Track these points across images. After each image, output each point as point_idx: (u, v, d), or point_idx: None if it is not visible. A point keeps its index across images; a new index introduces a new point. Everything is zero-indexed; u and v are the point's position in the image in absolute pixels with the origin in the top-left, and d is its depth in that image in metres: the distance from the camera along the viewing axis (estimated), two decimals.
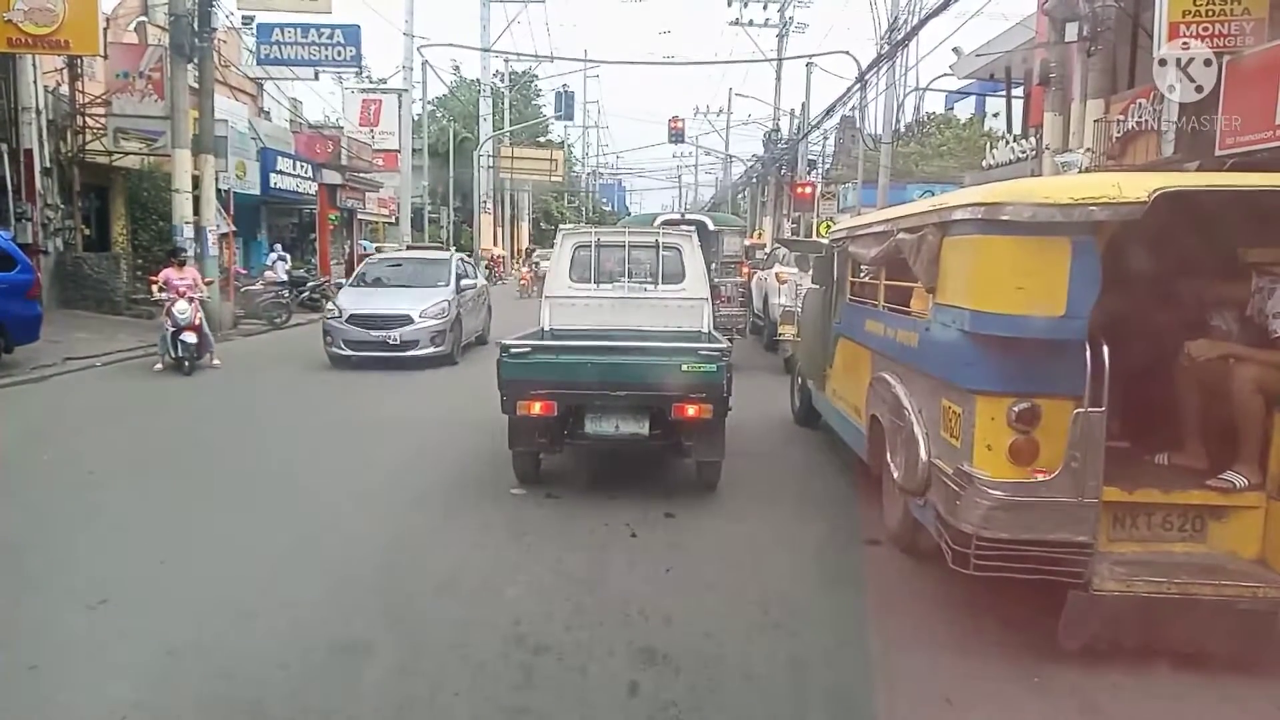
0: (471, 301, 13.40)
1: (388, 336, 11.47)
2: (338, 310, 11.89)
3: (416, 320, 11.64)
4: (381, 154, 30.92)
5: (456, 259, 13.75)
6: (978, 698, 3.39)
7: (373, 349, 11.47)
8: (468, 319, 13.02)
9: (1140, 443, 4.12)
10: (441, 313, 11.94)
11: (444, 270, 12.98)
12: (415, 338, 11.57)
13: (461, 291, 12.76)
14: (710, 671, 3.52)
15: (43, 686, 3.37)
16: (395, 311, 11.67)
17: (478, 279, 14.64)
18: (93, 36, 13.98)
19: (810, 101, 31.61)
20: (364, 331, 11.50)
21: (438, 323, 11.84)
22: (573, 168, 61.11)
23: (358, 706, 3.27)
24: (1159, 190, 3.26)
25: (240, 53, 23.46)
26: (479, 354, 13.25)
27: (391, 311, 11.68)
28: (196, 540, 5.03)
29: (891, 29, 18.84)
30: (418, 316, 11.66)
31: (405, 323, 11.59)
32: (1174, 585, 3.44)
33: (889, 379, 4.86)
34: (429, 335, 11.67)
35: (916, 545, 4.62)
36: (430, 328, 11.72)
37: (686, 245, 7.38)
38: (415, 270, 13.23)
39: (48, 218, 15.34)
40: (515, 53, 42.90)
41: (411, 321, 11.61)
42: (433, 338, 11.70)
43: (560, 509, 5.66)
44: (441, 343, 11.81)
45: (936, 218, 4.19)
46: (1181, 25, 9.48)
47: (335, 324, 11.67)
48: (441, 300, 12.11)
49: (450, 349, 12.01)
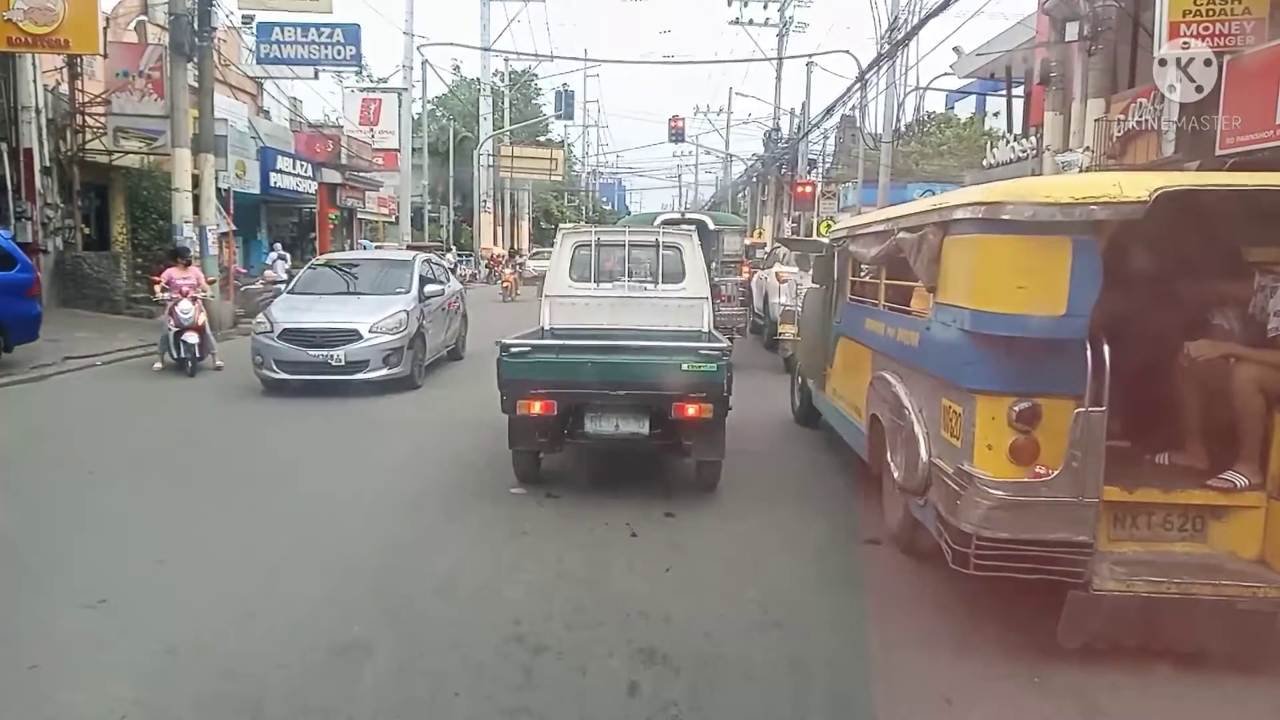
0: (440, 311, 11.36)
1: (330, 356, 9.41)
2: (269, 324, 9.67)
3: (366, 336, 9.57)
4: (381, 153, 30.97)
5: (421, 260, 11.64)
6: (978, 698, 3.39)
7: (311, 371, 9.46)
8: (434, 332, 10.97)
9: (1141, 442, 4.11)
10: (398, 326, 9.84)
11: (405, 274, 10.95)
12: (364, 357, 9.53)
13: (426, 299, 10.74)
14: (710, 671, 3.52)
15: (43, 686, 3.37)
16: (340, 325, 9.63)
17: (448, 282, 12.39)
18: (92, 36, 13.98)
19: (810, 101, 31.65)
20: (300, 350, 9.44)
21: (393, 338, 9.74)
22: (573, 167, 61.14)
23: (357, 706, 3.27)
24: (1160, 189, 3.26)
25: (240, 52, 23.48)
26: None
27: (335, 325, 9.64)
28: (196, 540, 5.03)
29: (892, 28, 18.84)
30: (367, 331, 9.58)
31: (352, 339, 9.54)
32: (1174, 585, 3.44)
33: (889, 378, 4.86)
34: (381, 354, 9.63)
35: (916, 545, 4.62)
36: (383, 345, 9.65)
37: (687, 244, 7.38)
38: (370, 275, 11.26)
39: (47, 217, 15.34)
40: (515, 52, 42.99)
41: (359, 337, 9.56)
42: (386, 357, 9.65)
43: (560, 508, 5.66)
44: (397, 362, 9.76)
45: (937, 217, 4.19)
46: (1182, 25, 9.48)
47: (266, 341, 9.56)
48: (398, 311, 10.00)
49: (409, 369, 10.00)
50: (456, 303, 12.47)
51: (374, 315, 9.82)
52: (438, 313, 11.23)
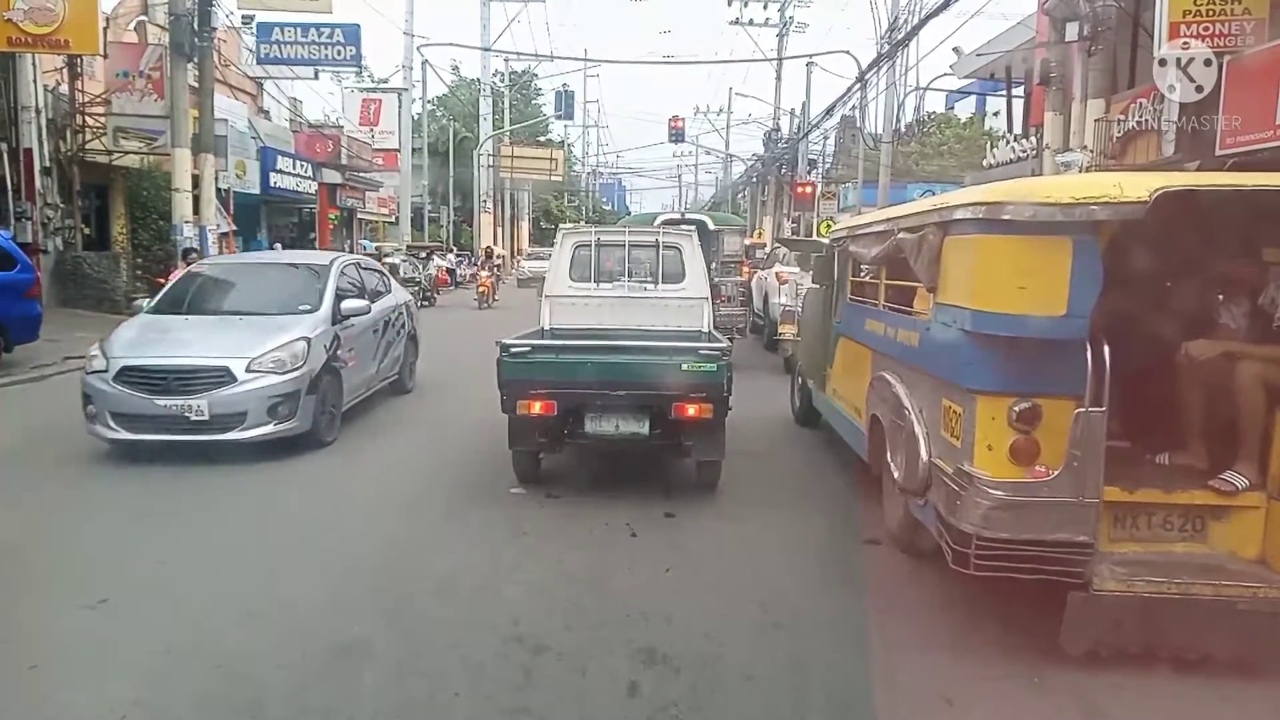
0: (369, 334, 8.38)
1: (186, 408, 6.50)
2: (104, 360, 6.81)
3: (242, 377, 6.60)
4: (381, 153, 31.00)
5: (343, 265, 8.52)
6: (978, 698, 3.38)
7: (160, 429, 6.56)
8: (359, 363, 8.03)
9: (1141, 442, 4.11)
10: (292, 361, 6.85)
11: (314, 286, 7.85)
12: (238, 408, 6.57)
13: (345, 320, 7.72)
14: (710, 671, 3.52)
15: (43, 686, 3.37)
16: (201, 362, 6.70)
17: (388, 292, 9.61)
18: (92, 36, 13.99)
19: (810, 101, 31.69)
20: (145, 399, 6.53)
21: (283, 379, 6.74)
22: (572, 167, 61.18)
23: (357, 707, 3.27)
24: (1160, 190, 3.26)
25: (240, 52, 23.50)
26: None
27: (194, 362, 6.70)
28: (196, 540, 5.03)
29: (892, 29, 18.85)
30: (244, 371, 6.63)
31: (219, 382, 6.58)
32: (1174, 585, 3.44)
33: (889, 379, 4.86)
34: (265, 402, 6.63)
35: (916, 545, 4.61)
36: (268, 389, 6.65)
37: (687, 245, 7.38)
38: (265, 286, 8.21)
39: (47, 217, 15.34)
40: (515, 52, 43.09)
41: (231, 380, 6.59)
42: (274, 406, 6.66)
43: (560, 509, 5.66)
44: (291, 413, 6.76)
45: (937, 217, 4.19)
46: (1182, 25, 9.49)
47: (99, 385, 6.67)
48: (294, 340, 7.01)
49: (311, 421, 6.99)
50: (400, 319, 9.57)
51: (256, 346, 6.84)
52: (365, 336, 8.26)
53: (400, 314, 9.66)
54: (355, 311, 7.94)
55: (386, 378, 9.15)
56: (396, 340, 9.36)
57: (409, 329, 9.86)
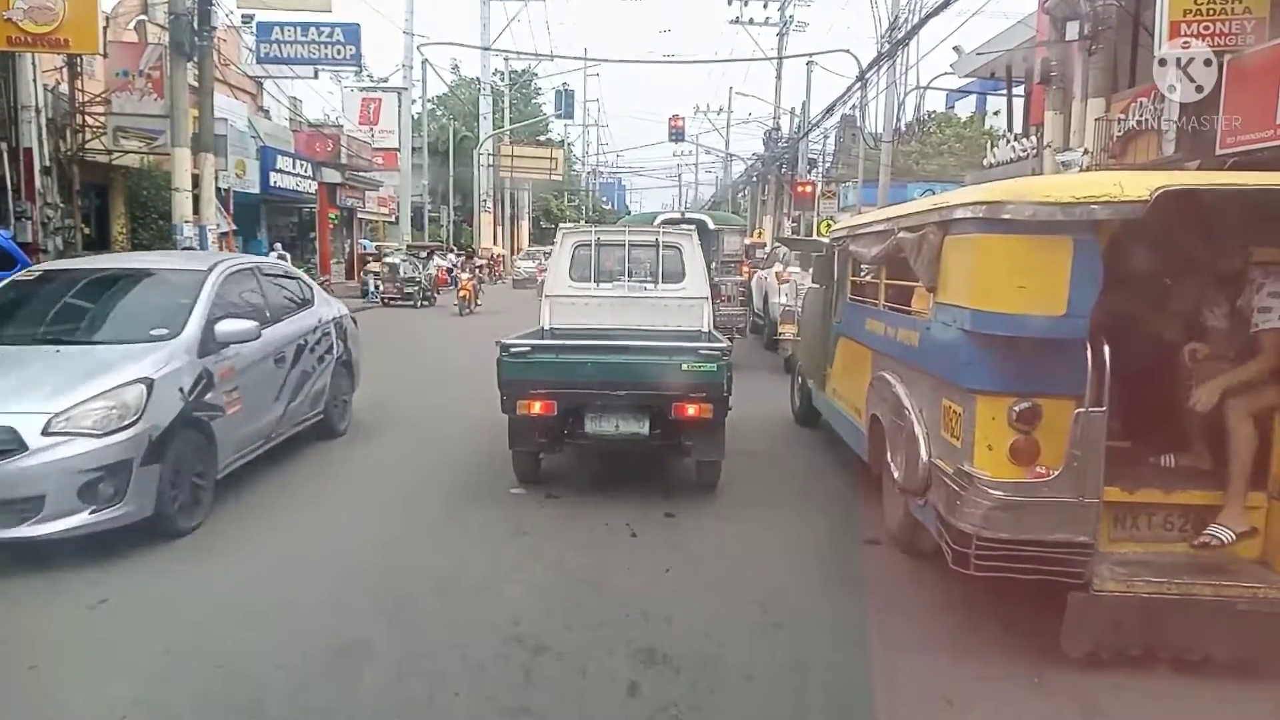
0: (271, 366, 6.26)
1: None
2: None
3: (35, 443, 4.43)
4: (381, 153, 30.94)
5: (224, 273, 6.08)
6: (978, 698, 3.38)
7: None
8: (249, 408, 5.83)
9: (1141, 442, 4.11)
10: (119, 417, 4.67)
11: (176, 302, 5.64)
12: (30, 489, 4.39)
13: (219, 351, 5.54)
14: (710, 671, 3.52)
15: (43, 686, 3.37)
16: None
17: (309, 305, 7.25)
18: (92, 35, 13.95)
19: (811, 100, 31.69)
20: None
21: (103, 445, 4.56)
22: (572, 166, 61.17)
23: (357, 707, 3.27)
24: (1161, 189, 3.25)
25: (240, 51, 23.47)
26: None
27: None
28: (196, 540, 5.02)
29: (892, 28, 18.85)
30: (39, 434, 4.45)
31: (1, 451, 4.38)
32: (1174, 586, 3.44)
33: (889, 378, 4.86)
34: (73, 480, 4.46)
35: (916, 545, 4.62)
36: (77, 461, 4.48)
37: (687, 244, 7.38)
38: (108, 301, 5.98)
39: (47, 216, 15.29)
40: (515, 51, 43.15)
41: (18, 447, 4.40)
42: (87, 485, 4.49)
43: (560, 509, 5.66)
44: (116, 494, 4.57)
45: (937, 217, 4.18)
46: (1182, 24, 9.48)
47: None
48: (123, 385, 4.82)
49: (156, 504, 4.78)
50: (325, 342, 7.21)
51: (64, 394, 4.64)
52: (261, 369, 6.08)
53: (325, 335, 7.22)
54: (238, 336, 5.66)
55: (301, 420, 6.75)
56: (318, 370, 6.98)
57: (339, 353, 7.45)
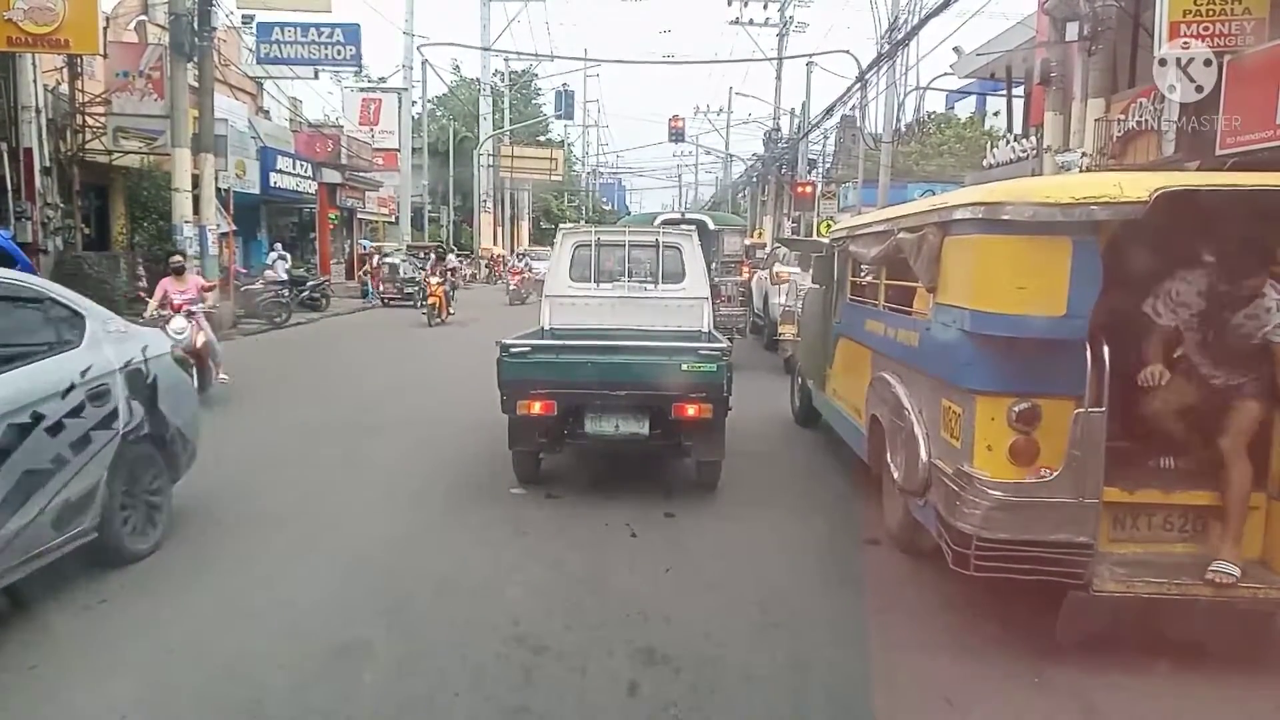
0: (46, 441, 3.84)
1: None
2: None
3: None
4: (381, 153, 30.94)
5: None
6: (978, 698, 3.39)
7: None
8: None
9: (1141, 442, 4.11)
10: None
11: None
12: None
13: None
14: (710, 671, 3.52)
15: (43, 686, 3.36)
16: None
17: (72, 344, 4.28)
18: (92, 35, 13.96)
19: (810, 101, 31.68)
20: None
21: None
22: (572, 167, 61.14)
23: (357, 706, 3.27)
24: (1160, 190, 3.26)
25: (240, 51, 23.45)
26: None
27: None
28: (196, 540, 5.02)
29: (892, 28, 18.85)
30: None
31: None
32: (1174, 586, 3.44)
33: (889, 379, 4.86)
34: None
35: (916, 545, 4.62)
36: None
37: (687, 245, 7.38)
38: None
39: (47, 217, 15.31)
40: (515, 52, 43.07)
41: None
42: None
43: (560, 509, 5.66)
44: None
45: (937, 217, 4.19)
46: (1182, 25, 9.48)
47: None
48: None
49: None
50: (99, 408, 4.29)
51: None
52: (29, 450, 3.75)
53: (96, 396, 4.29)
54: None
55: (34, 552, 3.88)
56: (76, 458, 4.09)
57: (132, 424, 4.52)
